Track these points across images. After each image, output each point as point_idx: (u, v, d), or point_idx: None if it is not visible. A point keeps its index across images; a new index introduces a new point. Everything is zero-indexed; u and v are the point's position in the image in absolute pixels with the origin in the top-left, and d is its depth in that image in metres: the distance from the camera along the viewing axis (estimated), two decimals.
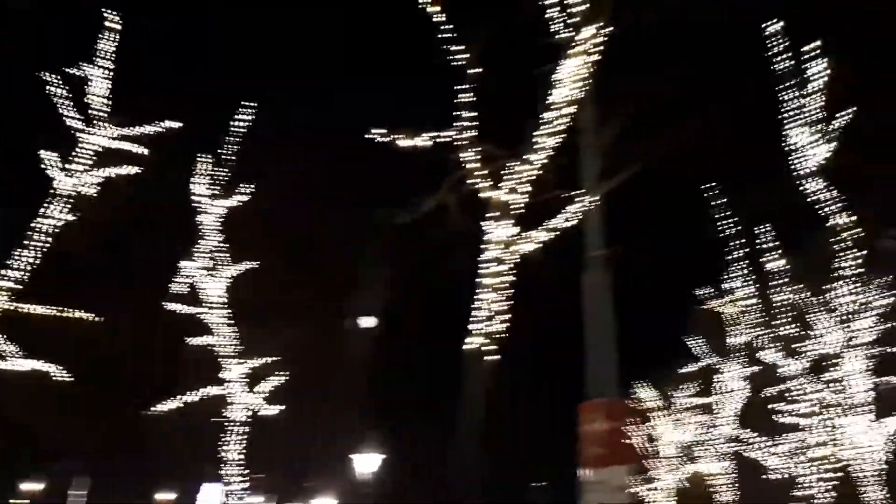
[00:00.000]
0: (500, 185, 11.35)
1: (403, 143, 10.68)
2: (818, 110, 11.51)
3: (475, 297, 11.61)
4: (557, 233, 10.98)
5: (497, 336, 11.46)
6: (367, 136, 10.78)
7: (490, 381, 11.87)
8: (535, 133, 10.99)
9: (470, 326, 11.63)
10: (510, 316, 11.70)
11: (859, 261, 11.73)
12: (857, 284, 12.21)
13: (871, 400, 17.52)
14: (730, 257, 13.87)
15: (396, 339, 26.35)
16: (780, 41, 11.36)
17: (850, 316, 13.90)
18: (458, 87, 10.58)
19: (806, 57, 11.54)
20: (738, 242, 13.26)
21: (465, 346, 11.51)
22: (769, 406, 19.07)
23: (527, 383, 26.11)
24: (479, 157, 11.08)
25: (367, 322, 27.39)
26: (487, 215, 11.48)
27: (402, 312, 25.65)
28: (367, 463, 17.45)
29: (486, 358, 11.56)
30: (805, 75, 11.51)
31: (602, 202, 11.50)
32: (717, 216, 13.39)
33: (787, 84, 11.66)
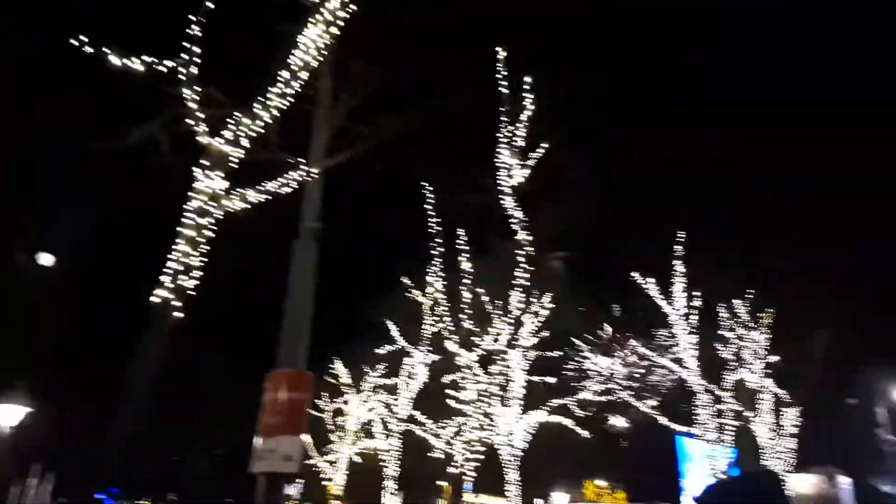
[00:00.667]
0: (220, 133, 10.68)
1: (114, 60, 9.43)
2: (522, 138, 12.98)
3: (172, 247, 10.76)
4: (270, 197, 10.69)
5: (187, 292, 10.76)
6: (71, 42, 9.32)
7: (172, 339, 11.11)
8: (268, 90, 10.57)
9: (160, 278, 10.75)
10: (207, 273, 11.07)
11: (529, 274, 13.52)
12: (526, 294, 14.06)
13: (523, 394, 20.40)
14: (433, 252, 14.97)
15: (78, 281, 23.38)
16: (505, 68, 12.58)
17: (517, 319, 15.93)
18: (189, 16, 9.69)
19: (525, 88, 12.92)
20: (439, 240, 14.38)
21: (150, 299, 10.59)
22: (443, 391, 21.08)
23: (215, 346, 25.11)
24: (201, 98, 10.29)
25: (45, 259, 23.87)
26: (201, 162, 10.73)
27: (91, 253, 22.85)
28: (6, 415, 15.11)
29: (171, 314, 10.77)
30: (520, 104, 12.91)
31: (324, 175, 11.47)
32: (428, 212, 14.36)
33: (505, 108, 12.96)
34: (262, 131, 10.64)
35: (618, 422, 26.54)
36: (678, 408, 21.73)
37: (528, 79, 12.59)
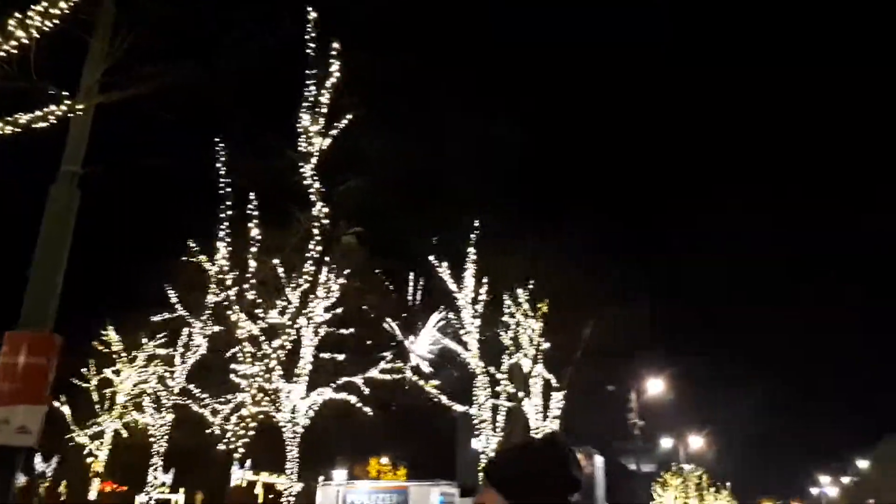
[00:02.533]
0: None
1: None
2: (326, 106, 12.51)
3: None
4: (20, 130, 9.19)
5: None
6: None
7: None
8: (29, 6, 9.05)
9: None
10: None
11: (323, 247, 13.14)
12: (318, 267, 13.66)
13: (310, 370, 20.04)
14: (221, 215, 13.95)
15: None
16: (315, 30, 11.99)
17: (308, 293, 15.50)
18: None
19: (333, 54, 12.45)
20: (229, 202, 13.43)
21: None
22: (225, 365, 20.00)
23: None
24: None
25: None
26: None
27: None
28: None
29: None
30: (327, 70, 12.42)
31: (94, 115, 10.17)
32: (219, 170, 13.29)
33: (311, 71, 12.39)
34: (17, 53, 9.12)
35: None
36: (460, 388, 22.74)
37: (336, 45, 12.15)
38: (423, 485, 25.65)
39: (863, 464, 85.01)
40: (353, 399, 22.13)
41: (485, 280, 20.21)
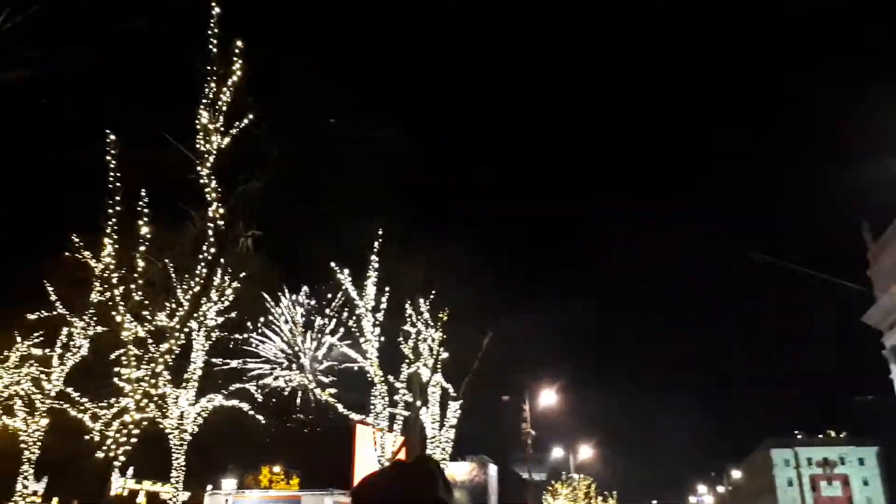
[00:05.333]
0: None
1: None
2: (226, 104, 12.17)
3: None
4: None
5: None
6: None
7: None
8: None
9: None
10: None
11: (217, 249, 12.70)
12: (210, 269, 13.17)
13: (200, 376, 19.29)
14: (109, 210, 13.10)
15: None
16: (216, 26, 11.64)
17: (200, 297, 14.91)
18: None
19: (236, 52, 12.15)
20: (117, 197, 12.63)
21: None
22: (107, 368, 18.90)
23: None
24: None
25: None
26: None
27: None
28: None
29: None
30: (229, 68, 12.09)
31: None
32: (109, 163, 12.46)
33: (212, 67, 12.02)
34: None
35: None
36: (357, 397, 22.55)
37: (239, 43, 11.88)
38: (316, 494, 25.26)
39: (736, 473, 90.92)
40: (245, 406, 21.49)
41: (386, 288, 20.17)
